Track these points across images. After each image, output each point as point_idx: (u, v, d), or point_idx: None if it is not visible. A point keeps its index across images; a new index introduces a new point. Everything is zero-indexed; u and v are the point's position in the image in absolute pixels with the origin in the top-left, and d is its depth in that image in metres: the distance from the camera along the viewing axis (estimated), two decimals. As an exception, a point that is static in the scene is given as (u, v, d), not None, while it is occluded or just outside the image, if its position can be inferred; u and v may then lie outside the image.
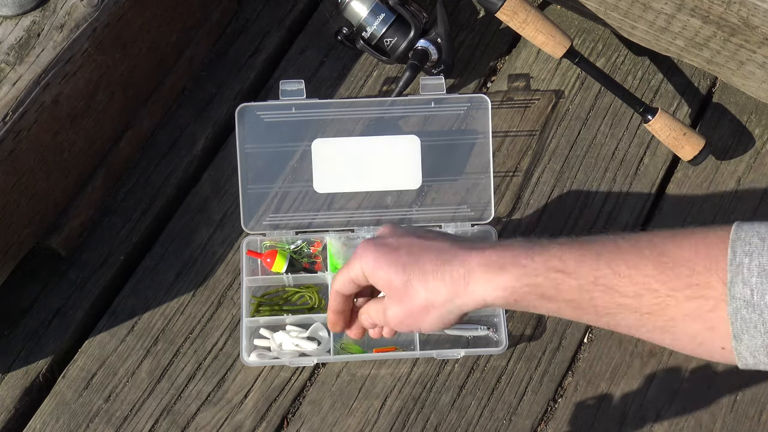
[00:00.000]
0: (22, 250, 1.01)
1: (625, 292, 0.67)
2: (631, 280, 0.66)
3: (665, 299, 0.65)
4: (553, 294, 0.68)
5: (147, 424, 0.99)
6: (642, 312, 0.67)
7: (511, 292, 0.69)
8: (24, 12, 0.90)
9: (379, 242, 0.74)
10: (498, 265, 0.69)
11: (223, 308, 1.05)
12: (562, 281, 0.68)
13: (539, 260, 0.68)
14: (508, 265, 0.69)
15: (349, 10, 1.11)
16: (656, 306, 0.66)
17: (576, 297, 0.68)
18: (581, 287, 0.68)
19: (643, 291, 0.66)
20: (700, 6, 1.00)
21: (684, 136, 1.07)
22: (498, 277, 0.69)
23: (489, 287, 0.69)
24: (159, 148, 1.12)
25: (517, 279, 0.68)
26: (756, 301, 0.62)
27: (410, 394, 1.01)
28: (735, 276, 0.63)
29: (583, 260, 0.68)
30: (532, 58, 1.17)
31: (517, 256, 0.69)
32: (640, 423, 0.99)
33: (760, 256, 0.62)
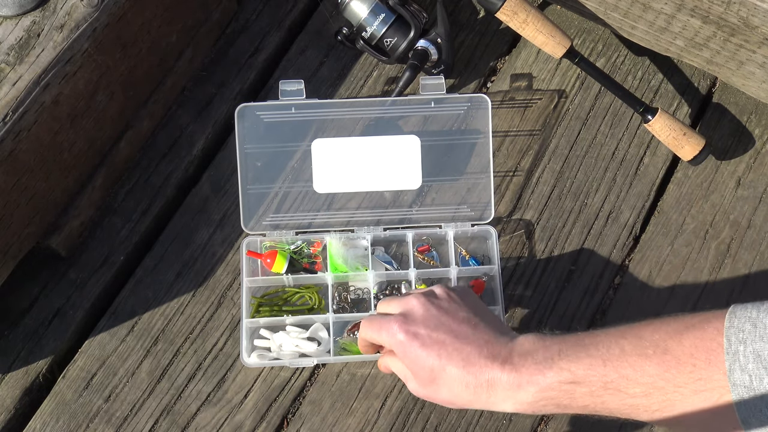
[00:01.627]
0: (22, 250, 1.01)
1: (634, 393, 0.72)
2: (638, 382, 0.72)
3: (672, 395, 0.70)
4: (568, 403, 0.75)
5: (147, 424, 0.99)
6: (652, 410, 0.72)
7: (530, 405, 0.76)
8: (24, 12, 0.90)
9: (412, 332, 0.81)
10: (516, 384, 0.76)
11: (223, 308, 1.05)
12: (574, 391, 0.74)
13: (551, 375, 0.75)
14: (524, 383, 0.76)
15: (349, 10, 1.11)
16: (666, 402, 0.71)
17: (589, 403, 0.74)
18: (592, 393, 0.74)
19: (650, 390, 0.71)
20: (700, 6, 1.00)
21: (684, 136, 1.07)
22: (516, 394, 0.76)
23: (509, 403, 0.77)
24: (159, 148, 1.12)
25: (533, 395, 0.76)
26: (756, 386, 0.66)
27: (410, 394, 1.01)
28: (732, 364, 0.67)
29: (591, 369, 0.73)
30: (532, 58, 1.17)
31: (532, 374, 0.75)
32: (641, 423, 0.99)
33: (753, 342, 0.66)
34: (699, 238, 1.08)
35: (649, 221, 1.10)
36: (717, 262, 1.07)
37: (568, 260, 1.07)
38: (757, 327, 0.67)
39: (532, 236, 1.08)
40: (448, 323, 0.81)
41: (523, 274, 1.06)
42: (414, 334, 0.81)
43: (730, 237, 1.08)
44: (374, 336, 0.85)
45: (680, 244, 1.08)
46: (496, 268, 1.03)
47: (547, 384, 0.75)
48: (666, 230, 1.09)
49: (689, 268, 1.07)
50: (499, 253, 1.05)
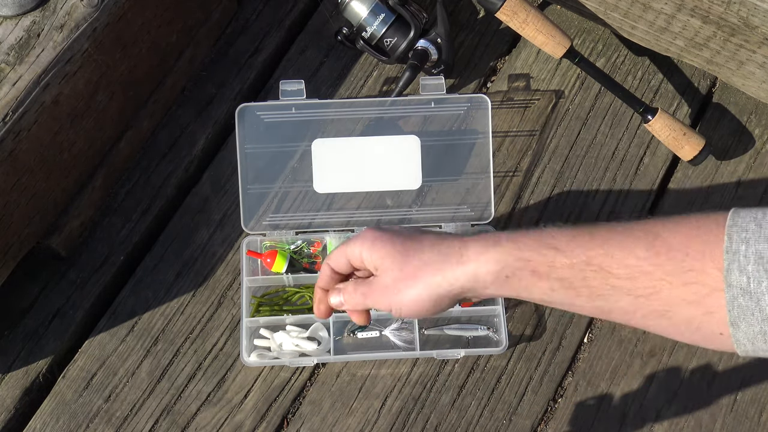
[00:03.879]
0: (22, 250, 1.01)
1: (618, 274, 0.66)
2: (624, 262, 0.66)
3: (659, 282, 0.65)
4: (546, 270, 0.68)
5: (147, 424, 0.99)
6: (636, 295, 0.66)
7: (504, 266, 0.68)
8: (24, 12, 0.90)
9: (380, 227, 0.75)
10: (492, 241, 0.69)
11: (223, 308, 1.05)
12: (554, 258, 0.68)
13: (533, 236, 0.68)
14: (502, 240, 0.69)
15: (349, 10, 1.11)
16: (651, 289, 0.65)
17: (569, 275, 0.68)
18: (573, 265, 0.67)
19: (636, 273, 0.66)
20: (700, 6, 1.00)
21: (684, 136, 1.07)
22: (491, 249, 0.69)
23: (482, 260, 0.69)
24: (159, 148, 1.12)
25: (509, 252, 0.68)
26: (753, 289, 0.61)
27: (410, 394, 1.01)
28: (731, 263, 0.62)
29: (575, 239, 0.68)
30: (532, 58, 1.17)
31: (512, 234, 0.69)
32: (640, 423, 0.99)
33: (756, 242, 0.62)
34: (699, 238, 1.08)
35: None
36: (717, 262, 1.06)
37: (568, 260, 1.07)
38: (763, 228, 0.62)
39: (532, 236, 1.08)
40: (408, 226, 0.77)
41: (523, 274, 1.06)
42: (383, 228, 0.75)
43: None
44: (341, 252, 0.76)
45: (680, 244, 1.08)
46: (496, 268, 1.03)
47: (526, 243, 0.68)
48: (666, 230, 1.09)
49: (689, 268, 1.06)
50: (499, 253, 1.04)
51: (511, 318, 1.04)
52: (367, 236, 0.74)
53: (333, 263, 0.77)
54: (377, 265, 0.74)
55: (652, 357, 1.02)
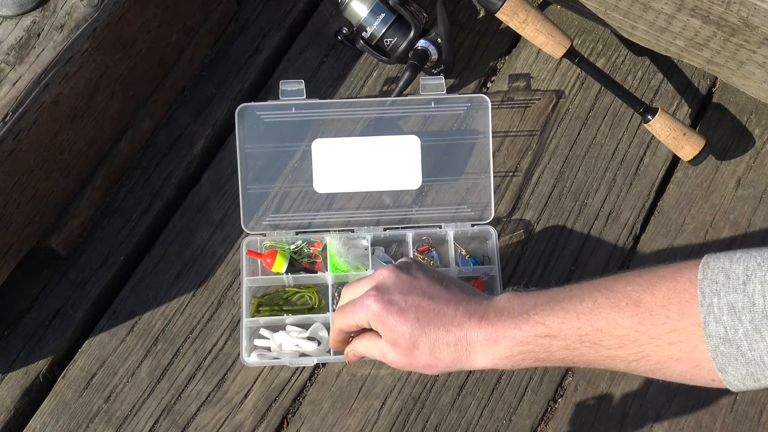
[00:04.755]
0: (22, 250, 1.01)
1: (609, 345, 0.72)
2: (613, 334, 0.72)
3: (647, 347, 0.71)
4: (545, 356, 0.76)
5: (147, 424, 0.99)
6: (629, 360, 0.72)
7: (508, 359, 0.77)
8: (24, 12, 0.90)
9: (386, 299, 0.80)
10: (492, 339, 0.76)
11: (223, 308, 1.05)
12: (550, 344, 0.75)
13: (527, 329, 0.75)
14: (500, 338, 0.76)
15: (349, 10, 1.11)
16: (641, 354, 0.71)
17: (566, 356, 0.75)
18: (568, 346, 0.74)
19: (625, 342, 0.72)
20: (700, 6, 1.00)
21: (684, 136, 1.07)
22: (493, 348, 0.76)
23: (488, 358, 0.77)
24: (159, 148, 1.12)
25: (510, 349, 0.76)
26: (731, 337, 0.66)
27: (410, 394, 1.01)
28: (707, 316, 0.67)
29: (565, 323, 0.74)
30: (532, 58, 1.17)
31: (508, 329, 0.76)
32: (640, 423, 0.99)
33: (726, 294, 0.66)
34: (699, 238, 1.08)
35: (649, 221, 1.10)
36: (717, 262, 1.07)
37: (568, 260, 1.07)
38: (731, 278, 0.67)
39: (532, 236, 1.08)
40: (420, 286, 0.80)
41: (523, 274, 1.06)
42: (389, 301, 0.79)
43: (730, 237, 1.08)
44: (350, 319, 0.83)
45: (680, 244, 1.08)
46: (496, 268, 1.03)
47: (523, 338, 0.75)
48: (666, 230, 1.09)
49: (689, 268, 1.06)
50: (499, 253, 1.05)
51: (511, 318, 1.04)
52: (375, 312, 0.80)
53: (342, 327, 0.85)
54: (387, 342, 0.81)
55: (652, 357, 1.02)
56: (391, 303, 0.79)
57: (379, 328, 0.81)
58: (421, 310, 0.79)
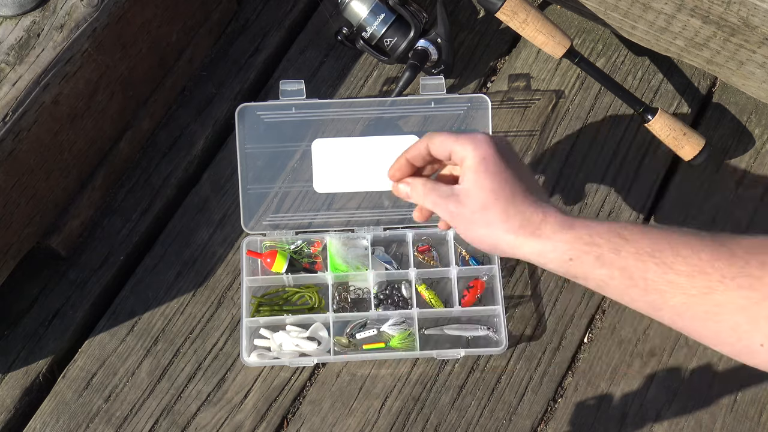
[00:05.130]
0: (22, 250, 1.01)
1: (679, 270, 0.68)
2: (687, 261, 0.68)
3: (715, 284, 0.67)
4: (610, 258, 0.71)
5: (147, 424, 0.99)
6: (690, 294, 0.68)
7: (571, 248, 0.72)
8: (24, 12, 0.90)
9: (498, 148, 0.77)
10: (569, 223, 0.73)
11: (223, 308, 1.05)
12: (622, 247, 0.70)
13: (605, 225, 0.72)
14: (576, 224, 0.73)
15: (349, 10, 1.11)
16: (706, 288, 0.67)
17: (631, 265, 0.70)
18: (638, 256, 0.70)
19: (695, 272, 0.68)
20: (700, 6, 1.00)
21: (684, 136, 1.07)
22: (566, 231, 0.73)
23: (554, 239, 0.73)
24: (159, 148, 1.12)
25: (579, 237, 0.72)
26: None
27: (410, 394, 1.01)
28: None
29: (645, 234, 0.71)
30: (532, 58, 1.17)
31: (586, 219, 0.73)
32: (640, 423, 0.99)
33: None
34: (699, 238, 1.08)
35: (649, 221, 1.10)
36: (717, 262, 1.06)
37: (568, 260, 1.07)
38: None
39: (532, 236, 1.08)
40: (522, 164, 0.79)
41: (523, 274, 1.06)
42: (500, 152, 0.77)
43: (730, 237, 1.08)
44: (447, 144, 0.79)
45: (680, 244, 1.08)
46: (496, 268, 1.03)
47: (598, 230, 0.72)
48: (666, 230, 1.09)
49: (689, 268, 1.06)
50: (499, 253, 1.04)
51: (511, 318, 1.04)
52: (484, 151, 0.76)
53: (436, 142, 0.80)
54: (473, 180, 0.76)
55: (652, 357, 1.02)
56: (501, 153, 0.77)
57: (476, 169, 0.76)
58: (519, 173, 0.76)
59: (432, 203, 0.80)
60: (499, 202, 0.75)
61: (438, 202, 0.79)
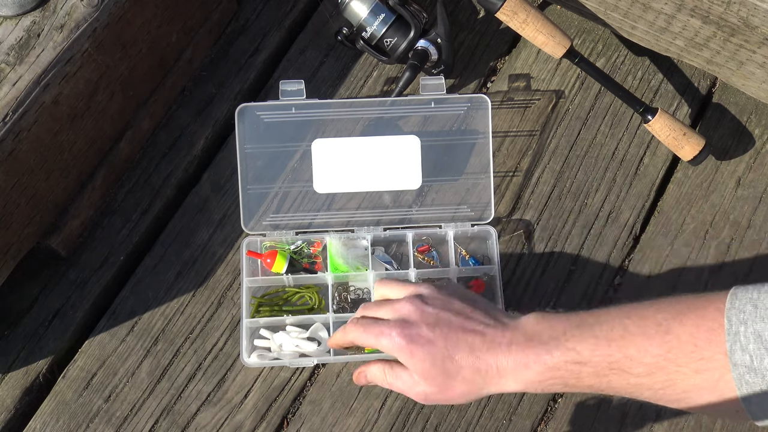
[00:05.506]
0: (22, 250, 1.01)
1: (638, 373, 0.73)
2: (642, 362, 0.73)
3: (674, 375, 0.71)
4: (575, 383, 0.77)
5: (147, 424, 0.99)
6: (656, 389, 0.74)
7: (537, 384, 0.78)
8: (24, 12, 0.90)
9: (414, 334, 0.81)
10: (523, 364, 0.78)
11: (223, 308, 1.05)
12: (580, 371, 0.76)
13: (557, 355, 0.76)
14: (531, 363, 0.77)
15: (349, 10, 1.11)
16: (668, 382, 0.72)
17: (595, 383, 0.76)
18: (598, 373, 0.75)
19: (653, 370, 0.73)
20: (700, 6, 1.00)
21: (684, 136, 1.07)
22: (524, 373, 0.78)
23: (519, 383, 0.79)
24: (159, 148, 1.12)
25: (541, 374, 0.77)
26: (756, 366, 0.66)
27: (410, 394, 1.01)
28: (733, 344, 0.67)
29: (596, 349, 0.75)
30: (532, 58, 1.17)
31: (539, 354, 0.77)
32: (640, 423, 0.99)
33: (754, 323, 0.67)
34: (699, 238, 1.08)
35: (649, 221, 1.10)
36: (717, 262, 1.07)
37: (568, 260, 1.07)
38: (758, 308, 0.67)
39: (532, 236, 1.08)
40: (446, 317, 0.82)
41: (523, 274, 1.06)
42: (417, 335, 0.81)
43: (730, 237, 1.08)
44: (370, 341, 0.85)
45: (680, 244, 1.08)
46: (496, 268, 1.03)
47: (554, 364, 0.76)
48: (666, 230, 1.09)
49: (689, 268, 1.06)
50: (499, 253, 1.05)
51: (511, 318, 1.04)
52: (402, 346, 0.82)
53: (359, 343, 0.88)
54: (416, 374, 0.83)
55: (652, 357, 1.02)
56: (420, 337, 0.81)
57: (407, 361, 0.82)
58: (449, 340, 0.80)
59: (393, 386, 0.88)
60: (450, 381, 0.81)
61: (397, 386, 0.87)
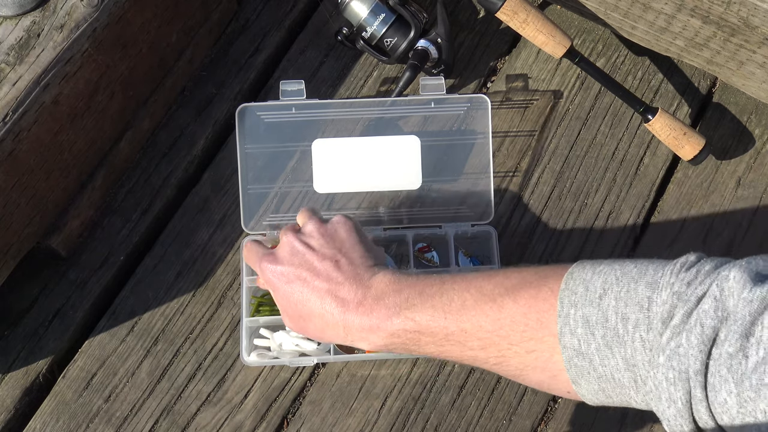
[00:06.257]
0: (22, 250, 1.01)
1: (473, 346, 0.74)
2: (476, 336, 0.74)
3: (507, 352, 0.72)
4: (416, 348, 0.78)
5: (147, 424, 0.99)
6: (491, 363, 0.75)
7: (383, 346, 0.80)
8: (24, 12, 0.90)
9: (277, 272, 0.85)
10: (368, 327, 0.79)
11: (223, 308, 1.05)
12: (419, 339, 0.77)
13: (397, 323, 0.77)
14: (374, 327, 0.78)
15: (349, 10, 1.11)
16: (501, 358, 0.73)
17: (434, 351, 0.77)
18: (436, 342, 0.76)
19: (487, 345, 0.73)
20: (700, 6, 1.00)
21: (684, 136, 1.07)
22: (369, 336, 0.79)
23: (365, 343, 0.81)
24: (159, 148, 1.12)
25: (384, 339, 0.79)
26: (584, 350, 0.66)
27: (410, 394, 1.01)
28: (563, 327, 0.67)
29: (433, 320, 0.76)
30: (532, 58, 1.17)
31: (382, 320, 0.78)
32: (640, 423, 0.99)
33: (583, 306, 0.67)
34: (699, 238, 1.08)
35: (649, 221, 1.10)
36: (717, 262, 1.06)
37: (567, 260, 1.07)
38: (589, 290, 0.67)
39: (532, 236, 1.08)
40: (311, 261, 0.83)
41: (523, 274, 1.06)
42: (279, 273, 0.84)
43: (730, 237, 1.08)
44: (253, 265, 0.90)
45: (680, 245, 1.08)
46: (496, 269, 1.03)
47: (394, 330, 0.77)
48: (666, 230, 1.09)
49: (689, 268, 1.06)
50: (499, 253, 1.05)
51: (511, 318, 1.04)
52: (266, 282, 0.87)
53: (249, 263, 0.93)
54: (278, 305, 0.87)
55: (652, 357, 1.02)
56: (281, 275, 0.84)
57: (272, 293, 0.87)
58: (306, 286, 0.82)
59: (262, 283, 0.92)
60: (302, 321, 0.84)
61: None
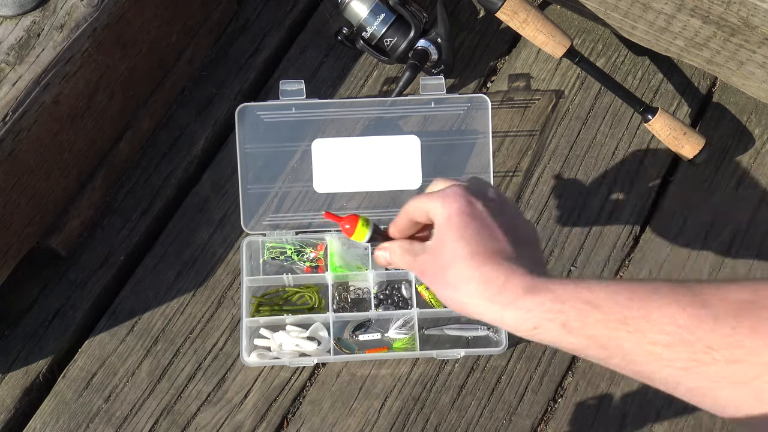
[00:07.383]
0: (22, 250, 1.01)
1: (654, 339, 0.59)
2: (663, 329, 0.58)
3: (700, 356, 0.57)
4: (578, 326, 0.61)
5: (147, 424, 0.99)
6: (675, 366, 0.59)
7: (532, 316, 0.63)
8: (24, 12, 0.90)
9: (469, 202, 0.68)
10: (532, 286, 0.64)
11: (223, 308, 1.05)
12: (588, 313, 0.61)
13: (570, 287, 0.62)
14: (539, 287, 0.63)
15: (349, 10, 1.11)
16: (691, 362, 0.58)
17: (601, 334, 0.61)
18: (608, 324, 0.60)
19: (675, 342, 0.58)
20: (700, 6, 1.00)
21: (684, 136, 1.07)
22: (525, 297, 0.63)
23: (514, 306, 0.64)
24: (159, 148, 1.12)
25: (541, 303, 0.62)
26: None
27: (410, 394, 1.01)
28: None
29: (615, 296, 0.60)
30: (532, 58, 1.17)
31: (549, 281, 0.63)
32: (640, 423, 0.99)
33: None
34: (699, 238, 1.08)
35: (649, 221, 1.10)
36: (717, 262, 1.07)
37: (568, 260, 1.07)
38: None
39: (532, 236, 1.08)
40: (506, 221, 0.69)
41: (523, 274, 1.06)
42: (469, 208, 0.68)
43: (730, 237, 1.08)
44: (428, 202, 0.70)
45: (680, 244, 1.08)
46: (496, 268, 1.03)
47: (561, 293, 0.62)
48: (666, 230, 1.09)
49: (689, 268, 1.07)
50: (499, 253, 1.04)
51: (511, 318, 1.04)
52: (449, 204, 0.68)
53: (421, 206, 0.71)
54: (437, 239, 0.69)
55: (652, 357, 1.02)
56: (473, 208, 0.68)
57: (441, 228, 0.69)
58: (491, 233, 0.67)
59: (407, 264, 0.73)
60: (458, 263, 0.66)
61: (411, 262, 0.72)
